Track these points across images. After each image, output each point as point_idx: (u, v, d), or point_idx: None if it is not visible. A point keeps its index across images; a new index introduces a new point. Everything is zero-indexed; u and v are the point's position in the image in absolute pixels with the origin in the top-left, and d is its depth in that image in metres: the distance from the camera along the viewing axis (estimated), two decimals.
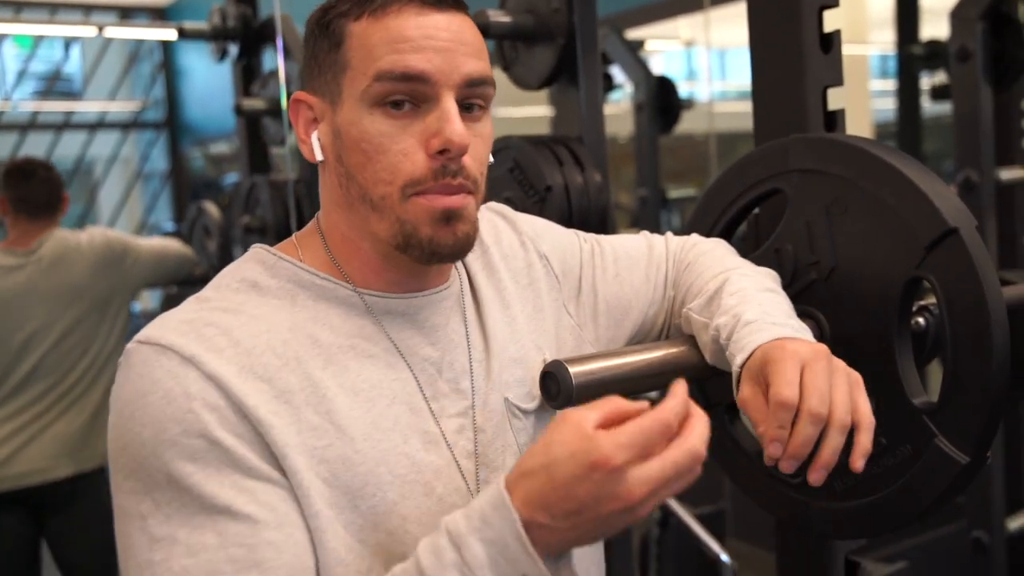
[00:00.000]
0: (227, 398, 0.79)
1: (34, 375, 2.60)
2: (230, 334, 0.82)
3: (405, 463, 0.85)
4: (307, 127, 0.91)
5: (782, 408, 0.82)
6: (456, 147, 0.83)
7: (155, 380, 0.79)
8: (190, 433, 0.77)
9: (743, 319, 0.95)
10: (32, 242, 2.64)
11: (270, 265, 0.90)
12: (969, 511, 2.16)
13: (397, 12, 0.84)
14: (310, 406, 0.82)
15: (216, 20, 2.72)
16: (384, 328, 0.90)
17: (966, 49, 2.12)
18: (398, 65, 0.83)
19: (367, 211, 0.87)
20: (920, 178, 1.00)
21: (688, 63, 4.86)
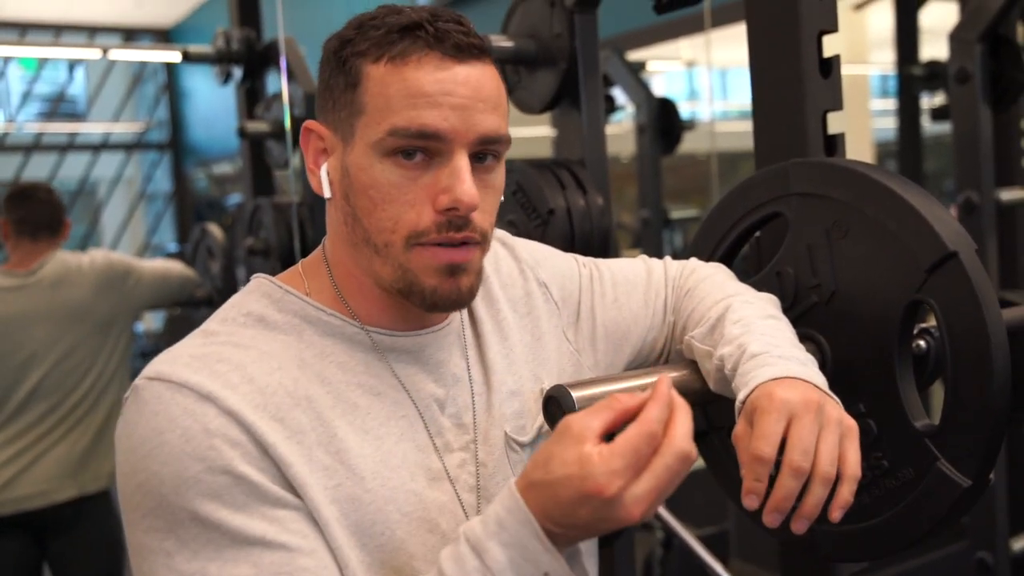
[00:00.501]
0: (248, 433, 0.78)
1: (35, 396, 2.60)
2: (243, 371, 0.82)
3: (412, 500, 0.86)
4: (316, 157, 0.91)
5: (756, 462, 0.81)
6: (465, 207, 0.83)
7: (172, 418, 0.78)
8: (214, 470, 0.77)
9: (748, 351, 0.94)
10: (33, 264, 2.65)
11: (276, 299, 0.90)
12: (973, 531, 2.16)
13: (417, 62, 0.83)
14: (321, 446, 0.82)
15: (220, 43, 2.73)
16: (390, 365, 0.90)
17: (965, 71, 2.14)
18: (414, 123, 0.82)
19: (371, 253, 0.87)
20: (920, 202, 1.01)
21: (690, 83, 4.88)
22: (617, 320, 1.10)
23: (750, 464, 0.81)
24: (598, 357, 1.09)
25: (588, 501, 0.71)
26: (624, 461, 0.71)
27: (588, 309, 1.09)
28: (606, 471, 0.71)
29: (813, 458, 0.81)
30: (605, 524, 0.73)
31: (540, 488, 0.73)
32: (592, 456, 0.72)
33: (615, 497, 0.71)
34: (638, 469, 0.72)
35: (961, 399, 0.98)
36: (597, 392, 0.97)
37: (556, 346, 1.05)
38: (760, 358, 0.92)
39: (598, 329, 1.09)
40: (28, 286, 2.62)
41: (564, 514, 0.73)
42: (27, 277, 2.62)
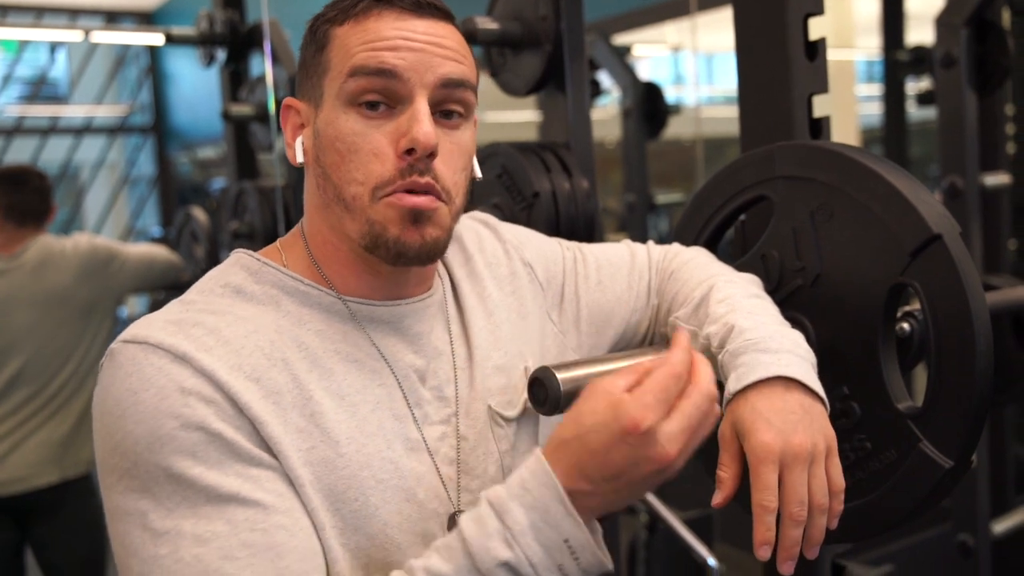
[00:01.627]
0: (222, 392, 0.79)
1: (17, 382, 2.59)
2: (218, 333, 0.82)
3: (388, 468, 0.86)
4: (294, 132, 0.93)
5: (766, 512, 0.85)
6: (422, 147, 0.84)
7: (146, 377, 0.78)
8: (188, 426, 0.77)
9: (736, 327, 0.95)
10: (16, 248, 2.64)
11: (254, 271, 0.90)
12: (955, 514, 2.17)
13: (377, 16, 0.87)
14: (296, 408, 0.82)
15: (204, 25, 2.71)
16: (368, 334, 0.90)
17: (950, 55, 2.14)
18: (372, 60, 0.85)
19: (341, 211, 0.88)
20: (904, 185, 1.01)
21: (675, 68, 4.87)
22: (601, 302, 1.10)
23: (759, 516, 0.85)
24: (582, 339, 1.09)
25: (624, 440, 0.73)
26: (654, 396, 0.74)
27: (572, 291, 1.09)
28: (638, 405, 0.73)
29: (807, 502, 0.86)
30: (643, 467, 0.73)
31: (571, 443, 0.75)
32: (623, 398, 0.74)
33: (650, 431, 0.72)
34: (668, 406, 0.74)
35: (944, 381, 0.98)
36: (581, 374, 0.97)
37: (540, 326, 1.05)
38: (748, 338, 0.93)
39: (582, 311, 1.09)
40: (10, 270, 2.60)
41: (599, 464, 0.73)
42: (9, 261, 2.61)
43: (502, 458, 0.95)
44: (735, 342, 0.94)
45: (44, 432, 2.61)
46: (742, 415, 0.89)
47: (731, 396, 0.91)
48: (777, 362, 0.90)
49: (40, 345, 2.61)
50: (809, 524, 0.86)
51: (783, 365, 0.90)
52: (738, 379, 0.91)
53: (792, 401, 0.89)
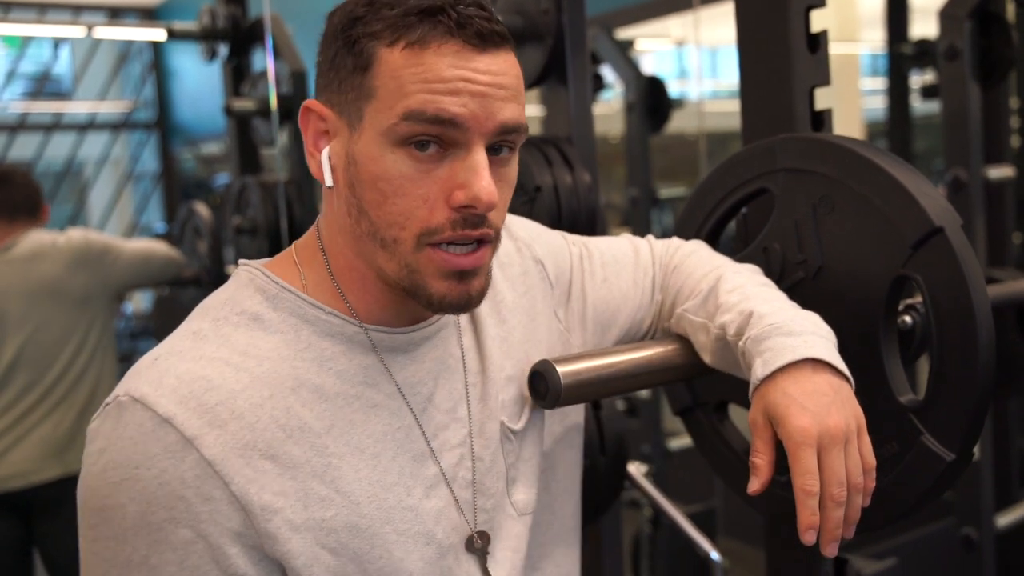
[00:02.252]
0: (224, 488, 0.76)
1: (12, 373, 2.60)
2: (233, 402, 0.78)
3: (408, 517, 0.85)
4: (317, 139, 0.86)
5: (809, 496, 0.85)
6: (484, 206, 0.79)
7: (150, 455, 0.75)
8: (178, 522, 0.76)
9: (755, 312, 0.95)
10: (6, 241, 2.66)
11: (271, 296, 0.85)
12: (958, 508, 2.17)
13: (437, 49, 0.78)
14: (316, 477, 0.81)
15: (206, 20, 2.71)
16: (387, 368, 0.87)
17: (954, 48, 2.13)
18: (430, 107, 0.77)
19: (376, 247, 0.82)
20: (906, 177, 1.00)
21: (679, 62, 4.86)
22: (607, 300, 1.10)
23: (803, 500, 0.85)
24: (587, 337, 1.08)
25: None
26: None
27: (579, 288, 1.08)
28: None
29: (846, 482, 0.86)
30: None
31: None
32: None
33: None
34: None
35: (946, 374, 0.98)
36: (582, 367, 0.97)
37: (547, 325, 1.04)
38: (770, 323, 0.93)
39: (588, 309, 1.08)
40: (2, 262, 2.62)
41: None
42: (1, 254, 2.63)
43: (508, 471, 0.95)
44: (756, 327, 0.94)
45: (46, 427, 2.62)
46: (774, 400, 0.88)
47: (759, 382, 0.91)
48: (804, 344, 0.91)
49: (34, 333, 2.62)
50: (848, 504, 0.86)
51: (810, 347, 0.90)
52: (765, 364, 0.90)
53: (822, 383, 0.89)
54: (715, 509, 3.01)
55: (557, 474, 1.04)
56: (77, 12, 7.03)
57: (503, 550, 0.93)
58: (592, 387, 0.99)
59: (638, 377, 1.04)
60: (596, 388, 1.00)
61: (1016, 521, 2.23)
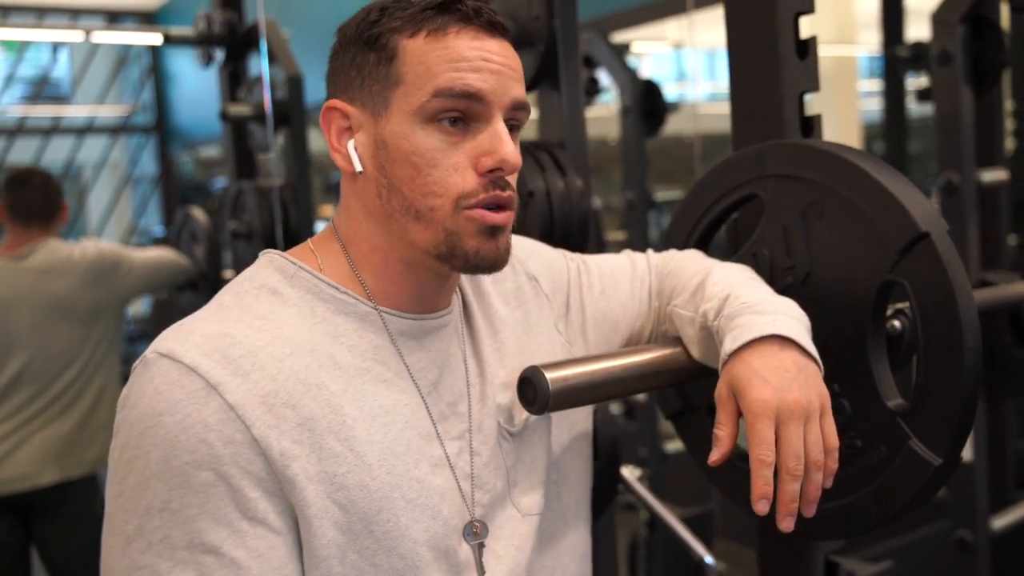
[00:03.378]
0: (246, 431, 0.79)
1: (18, 383, 2.60)
2: (255, 356, 0.82)
3: (416, 487, 0.88)
4: (340, 135, 0.92)
5: (763, 466, 0.87)
6: (510, 166, 0.88)
7: (174, 401, 0.79)
8: (200, 465, 0.78)
9: (731, 296, 0.99)
10: (22, 249, 2.65)
11: (289, 274, 0.91)
12: (953, 510, 2.17)
13: (456, 34, 0.87)
14: (332, 433, 0.83)
15: (202, 25, 2.72)
16: (398, 349, 0.92)
17: (947, 52, 2.14)
18: (458, 83, 0.86)
19: (408, 221, 0.89)
20: (893, 183, 1.01)
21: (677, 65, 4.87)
22: (605, 311, 1.13)
23: (756, 469, 0.87)
24: (589, 348, 1.11)
25: None
26: None
27: (577, 302, 1.12)
28: None
29: (803, 456, 0.88)
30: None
31: None
32: None
33: None
34: None
35: (932, 379, 0.98)
36: (571, 373, 0.98)
37: (547, 338, 1.07)
38: (743, 302, 0.97)
39: (588, 320, 1.11)
40: (15, 272, 2.61)
41: None
42: (15, 262, 2.62)
43: (508, 472, 0.98)
44: (730, 307, 0.97)
45: (47, 431, 2.62)
46: (738, 373, 0.91)
47: (727, 357, 0.94)
48: (772, 322, 0.93)
49: (43, 348, 2.62)
50: (806, 481, 0.88)
51: (777, 325, 0.93)
52: (734, 339, 0.94)
53: (787, 359, 0.91)
54: (712, 512, 3.01)
55: (569, 484, 1.07)
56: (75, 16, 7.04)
57: (506, 547, 0.96)
58: (581, 393, 1.00)
59: (627, 382, 1.05)
60: (585, 394, 1.01)
61: (1011, 523, 2.23)
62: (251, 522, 0.79)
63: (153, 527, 0.78)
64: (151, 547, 0.78)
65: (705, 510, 3.04)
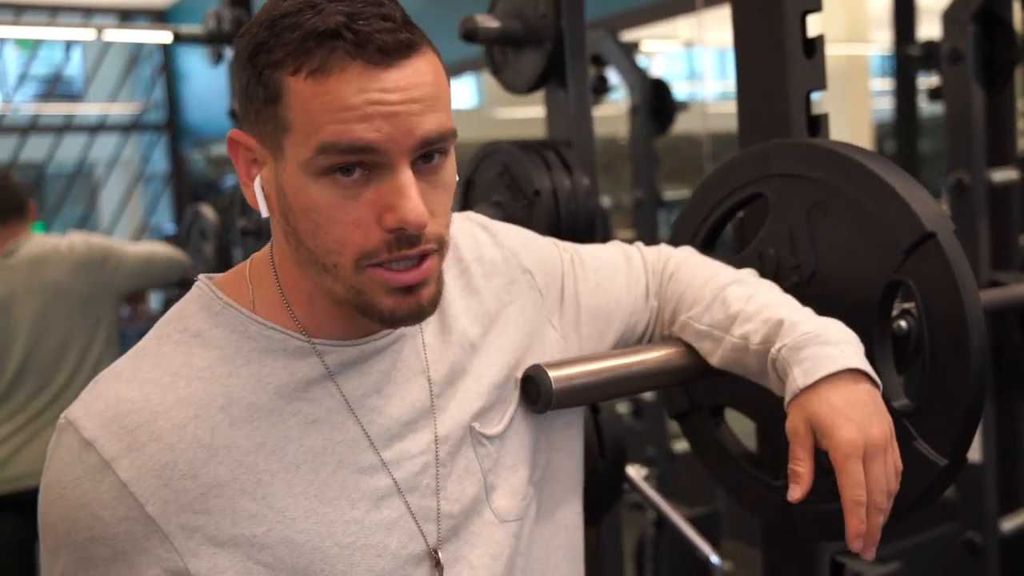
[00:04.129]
0: (139, 508, 0.78)
1: (21, 376, 2.62)
2: (154, 424, 0.79)
3: (353, 529, 0.85)
4: (248, 168, 0.84)
5: (860, 506, 0.88)
6: (414, 227, 0.77)
7: (75, 477, 0.79)
8: (97, 541, 0.79)
9: (786, 321, 0.97)
10: (7, 245, 2.67)
11: (215, 312, 0.86)
12: (962, 512, 2.16)
13: (339, 74, 0.75)
14: (245, 495, 0.81)
15: (211, 24, 2.73)
16: (335, 380, 0.86)
17: (957, 51, 2.12)
18: (343, 137, 0.75)
19: (318, 272, 0.82)
20: (899, 183, 1.01)
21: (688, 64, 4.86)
22: (600, 305, 1.10)
23: (852, 510, 0.88)
24: (583, 343, 1.08)
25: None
26: None
27: (572, 294, 1.08)
28: None
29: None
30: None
31: None
32: None
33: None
34: None
35: (938, 380, 0.98)
36: (573, 372, 0.98)
37: (541, 333, 1.04)
38: (804, 332, 0.95)
39: (582, 315, 1.08)
40: (6, 267, 2.64)
41: None
42: (4, 259, 2.64)
43: (485, 476, 0.94)
44: (791, 336, 0.96)
45: (53, 428, 2.63)
46: (819, 411, 0.91)
47: (798, 391, 0.93)
48: (842, 354, 0.93)
49: (41, 337, 2.63)
50: None
51: (848, 357, 0.93)
52: (806, 374, 0.92)
53: (863, 393, 0.92)
54: (719, 512, 3.01)
55: (558, 483, 1.04)
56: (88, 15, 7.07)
57: (481, 555, 0.93)
58: (584, 392, 0.99)
59: (630, 381, 1.05)
60: (588, 393, 1.00)
61: (1021, 525, 2.22)
62: None
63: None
64: None
65: (712, 510, 3.03)
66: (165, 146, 7.80)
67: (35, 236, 2.71)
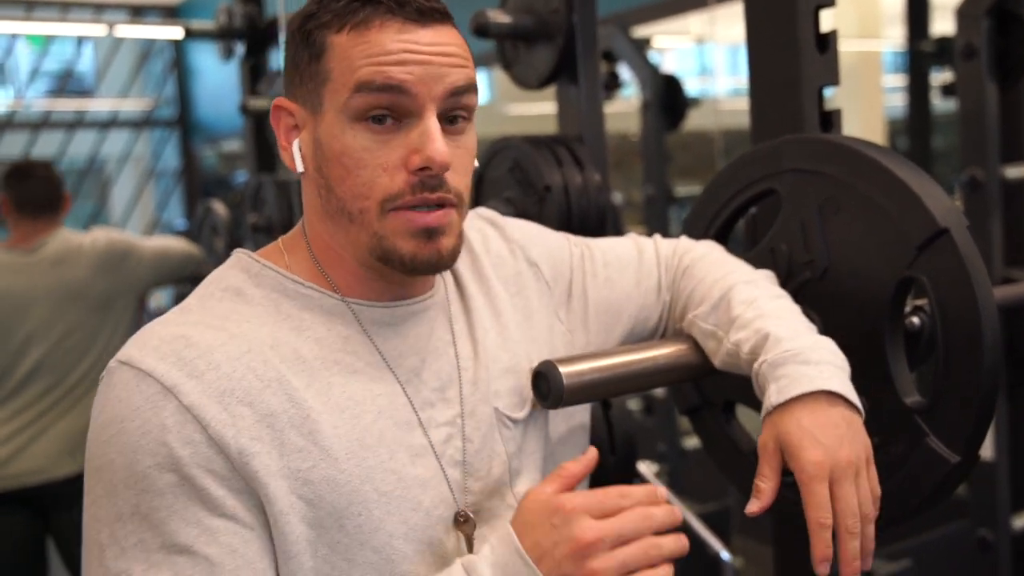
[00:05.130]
0: (204, 431, 0.79)
1: (35, 374, 2.62)
2: (210, 356, 0.82)
3: (391, 479, 0.86)
4: (288, 134, 0.91)
5: (824, 529, 0.87)
6: (438, 165, 0.83)
7: (134, 407, 0.79)
8: (162, 467, 0.78)
9: (772, 335, 0.97)
10: (35, 242, 2.67)
11: (254, 273, 0.90)
12: (974, 509, 2.16)
13: (380, 27, 0.84)
14: (294, 428, 0.82)
15: (223, 19, 2.73)
16: (371, 338, 0.90)
17: (971, 46, 2.11)
18: (378, 76, 0.82)
19: (346, 223, 0.87)
20: (912, 178, 1.00)
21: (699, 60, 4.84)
22: (609, 299, 1.10)
23: (817, 533, 0.87)
24: (590, 337, 1.08)
25: (549, 519, 0.79)
26: (586, 496, 0.80)
27: (580, 288, 1.09)
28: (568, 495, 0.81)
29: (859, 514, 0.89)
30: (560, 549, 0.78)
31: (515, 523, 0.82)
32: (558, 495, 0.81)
33: (571, 512, 0.79)
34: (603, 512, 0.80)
35: (951, 376, 0.98)
36: (585, 368, 0.98)
37: (548, 325, 1.05)
38: (787, 349, 0.95)
39: (590, 308, 1.09)
40: (30, 264, 2.63)
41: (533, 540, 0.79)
42: (29, 255, 2.64)
43: (509, 460, 0.95)
44: (773, 352, 0.95)
45: (63, 424, 2.64)
46: (788, 430, 0.91)
47: (772, 408, 0.93)
48: (820, 375, 0.92)
49: (58, 339, 2.63)
50: (860, 535, 0.88)
51: (826, 378, 0.92)
52: (780, 391, 0.92)
53: (836, 415, 0.91)
54: (729, 509, 3.00)
55: None
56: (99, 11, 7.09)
57: None
58: (595, 388, 0.99)
59: (641, 378, 1.04)
60: (599, 389, 1.00)
61: None
62: (221, 519, 0.79)
63: (125, 532, 0.78)
64: (124, 552, 0.78)
65: (722, 506, 3.03)
66: (176, 142, 7.81)
67: (62, 232, 2.71)
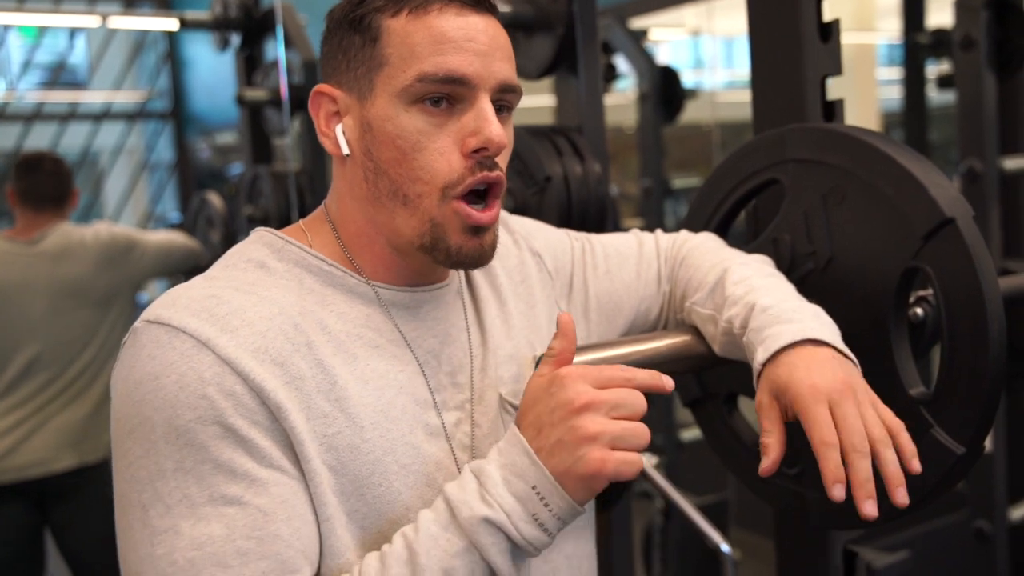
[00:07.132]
0: (244, 383, 0.78)
1: (33, 368, 2.60)
2: (243, 314, 0.81)
3: (411, 453, 0.86)
4: (328, 120, 0.91)
5: (829, 448, 0.84)
6: (495, 146, 0.85)
7: (168, 363, 0.77)
8: (205, 420, 0.76)
9: (757, 305, 0.97)
10: (35, 233, 2.65)
11: (277, 248, 0.90)
12: (972, 500, 2.16)
13: (439, 12, 0.85)
14: (321, 393, 0.82)
15: (218, 10, 2.71)
16: (392, 318, 0.90)
17: (970, 37, 2.11)
18: (442, 68, 0.84)
19: (395, 206, 0.87)
20: (917, 168, 1.00)
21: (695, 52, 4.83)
22: (609, 291, 1.11)
23: (824, 453, 0.84)
24: (591, 328, 1.10)
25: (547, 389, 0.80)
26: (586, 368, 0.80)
27: (580, 281, 1.10)
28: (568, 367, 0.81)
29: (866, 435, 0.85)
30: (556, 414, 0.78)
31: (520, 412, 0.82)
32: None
33: (567, 377, 0.79)
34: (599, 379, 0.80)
35: (956, 367, 0.97)
36: (588, 359, 0.97)
37: (549, 315, 1.05)
38: (771, 313, 0.95)
39: (590, 300, 1.10)
40: (28, 256, 2.61)
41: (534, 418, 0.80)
42: (28, 246, 2.62)
43: None
44: (757, 319, 0.96)
45: (62, 417, 2.63)
46: (777, 375, 0.90)
47: (761, 366, 0.93)
48: (802, 328, 0.92)
49: (57, 333, 2.62)
50: (880, 460, 0.84)
51: (808, 329, 0.92)
52: (766, 349, 0.92)
53: (823, 355, 0.90)
54: (728, 501, 3.01)
55: None
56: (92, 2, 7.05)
57: None
58: None
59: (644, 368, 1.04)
60: None
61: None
62: (269, 469, 0.78)
63: (169, 489, 0.76)
64: (170, 509, 0.76)
65: (721, 498, 3.03)
66: (170, 134, 7.78)
67: (64, 226, 2.69)
